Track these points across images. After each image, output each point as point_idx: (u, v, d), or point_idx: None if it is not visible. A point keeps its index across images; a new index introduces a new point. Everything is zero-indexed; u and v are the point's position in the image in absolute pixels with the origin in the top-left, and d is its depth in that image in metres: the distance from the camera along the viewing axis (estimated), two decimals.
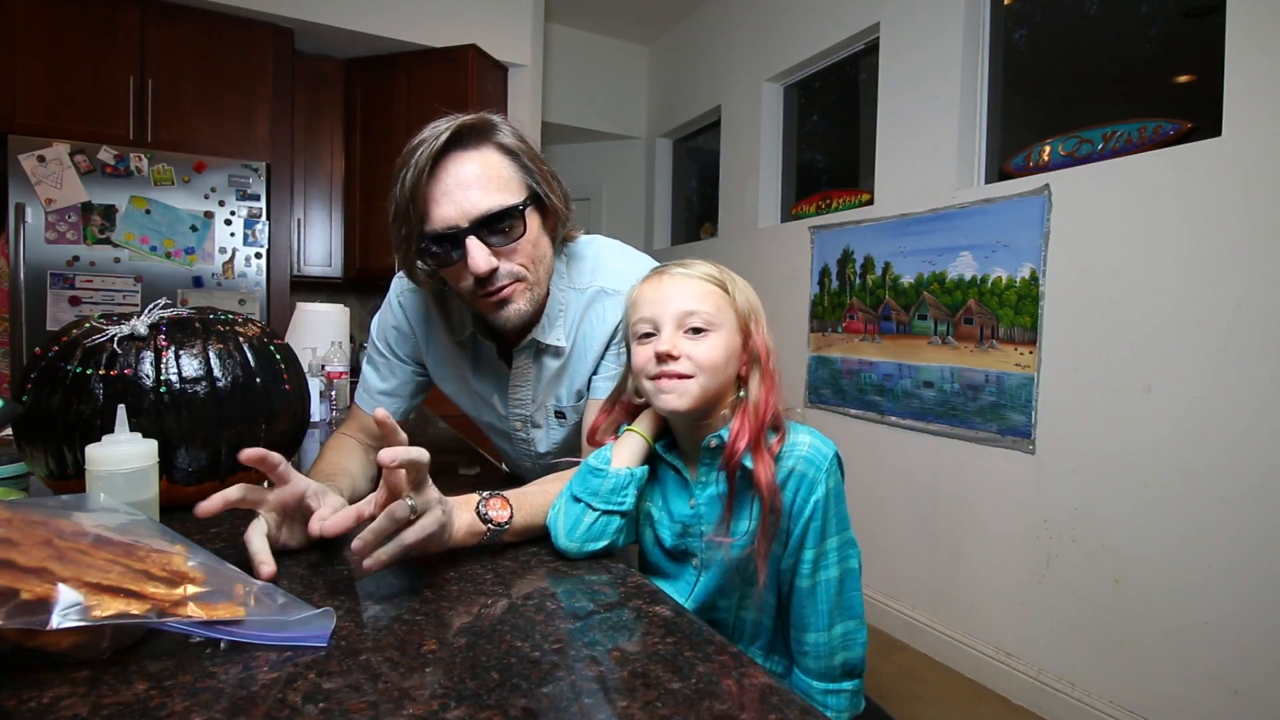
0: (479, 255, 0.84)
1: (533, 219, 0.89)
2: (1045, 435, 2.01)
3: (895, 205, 2.54)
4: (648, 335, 0.83)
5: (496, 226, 0.85)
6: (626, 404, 0.92)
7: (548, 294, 0.97)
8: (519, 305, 0.91)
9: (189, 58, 2.90)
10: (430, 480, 0.70)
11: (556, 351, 0.99)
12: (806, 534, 0.81)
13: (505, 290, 0.89)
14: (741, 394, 0.84)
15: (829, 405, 2.82)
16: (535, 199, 0.90)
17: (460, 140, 0.85)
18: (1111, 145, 1.92)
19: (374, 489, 1.02)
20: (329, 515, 0.70)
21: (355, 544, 0.65)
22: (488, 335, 1.02)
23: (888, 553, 2.54)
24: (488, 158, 0.86)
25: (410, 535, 0.67)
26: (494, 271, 0.86)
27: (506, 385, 1.06)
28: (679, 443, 0.89)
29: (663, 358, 0.80)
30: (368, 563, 0.65)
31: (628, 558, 0.93)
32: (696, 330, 0.80)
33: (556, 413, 1.05)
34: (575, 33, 4.22)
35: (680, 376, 0.80)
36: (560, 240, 0.99)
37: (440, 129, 0.84)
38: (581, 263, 1.01)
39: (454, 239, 0.85)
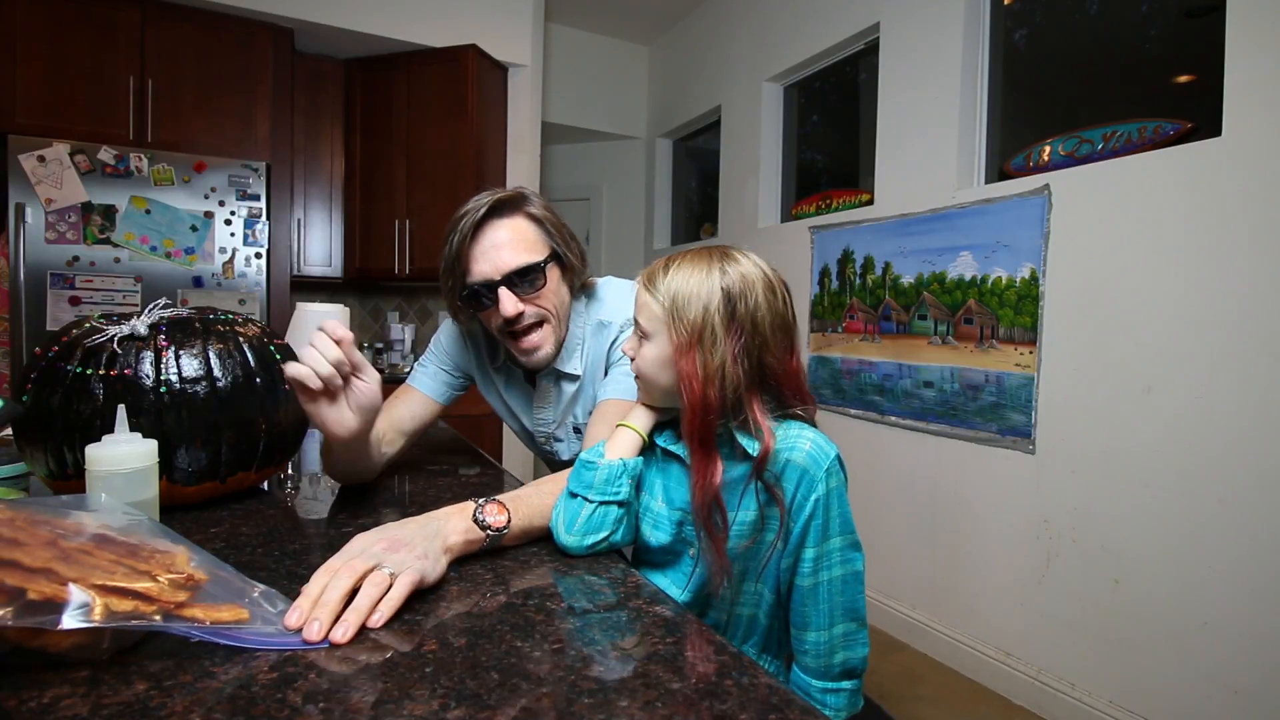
0: (507, 302, 1.05)
1: (553, 273, 1.09)
2: (1045, 435, 2.01)
3: (895, 205, 2.54)
4: None
5: (523, 279, 1.06)
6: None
7: (567, 330, 1.16)
8: (545, 350, 1.11)
9: (189, 58, 2.90)
10: (406, 540, 0.68)
11: (573, 378, 1.18)
12: (807, 532, 0.81)
13: (533, 336, 1.09)
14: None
15: (829, 405, 2.82)
16: (556, 257, 1.10)
17: (497, 210, 1.06)
18: (1111, 145, 1.92)
19: (379, 472, 1.10)
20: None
21: (338, 634, 0.57)
22: (516, 363, 1.21)
23: (888, 553, 2.54)
24: (518, 224, 1.07)
25: (398, 592, 0.63)
26: (521, 314, 1.06)
27: (533, 404, 1.25)
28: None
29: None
30: (374, 620, 0.60)
31: (626, 555, 0.93)
32: (641, 336, 0.87)
33: (575, 429, 1.22)
34: (575, 33, 4.22)
35: (636, 376, 0.89)
36: (580, 287, 1.18)
37: (482, 201, 1.05)
38: (596, 302, 1.20)
39: (489, 288, 1.05)
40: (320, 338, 0.82)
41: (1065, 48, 2.24)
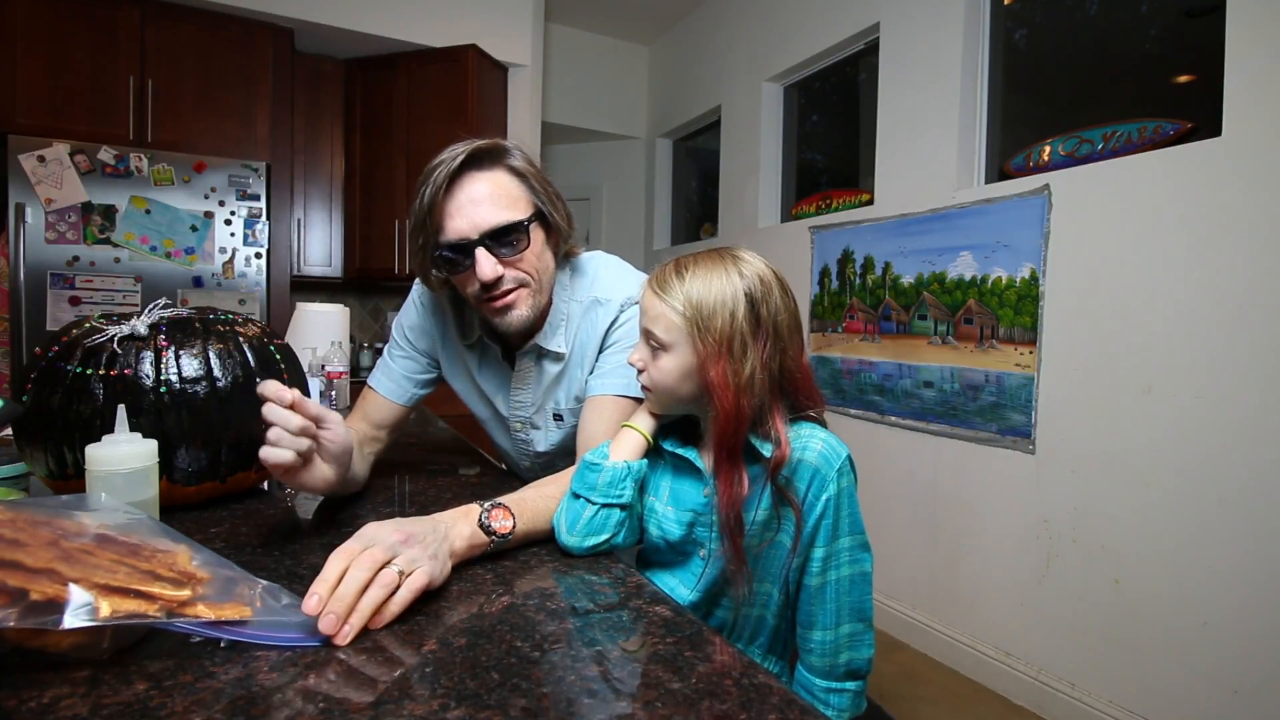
0: (486, 264, 0.93)
1: (537, 233, 0.98)
2: (1045, 435, 2.01)
3: (895, 205, 2.54)
4: None
5: (504, 239, 0.94)
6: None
7: (550, 303, 1.06)
8: (521, 311, 0.99)
9: (189, 58, 2.90)
10: (420, 536, 0.68)
11: (557, 357, 1.08)
12: (817, 531, 0.82)
13: (510, 296, 0.97)
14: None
15: (829, 405, 2.82)
16: (540, 216, 0.99)
17: (474, 162, 0.94)
18: (1111, 145, 1.92)
19: (367, 478, 1.05)
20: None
21: (342, 637, 0.57)
22: (494, 339, 1.11)
23: (888, 553, 2.54)
24: (498, 178, 0.95)
25: (404, 595, 0.62)
26: (499, 278, 0.95)
27: (509, 387, 1.14)
28: (702, 429, 0.89)
29: (636, 367, 0.86)
30: (375, 622, 0.61)
31: (629, 556, 0.93)
32: (655, 347, 0.83)
33: (555, 415, 1.12)
34: (575, 33, 4.23)
35: (645, 387, 0.86)
36: (563, 255, 1.07)
37: (457, 151, 0.93)
38: (583, 276, 1.09)
39: (465, 249, 0.94)
40: (274, 410, 0.75)
41: (1065, 48, 2.24)
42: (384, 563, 0.63)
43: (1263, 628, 1.54)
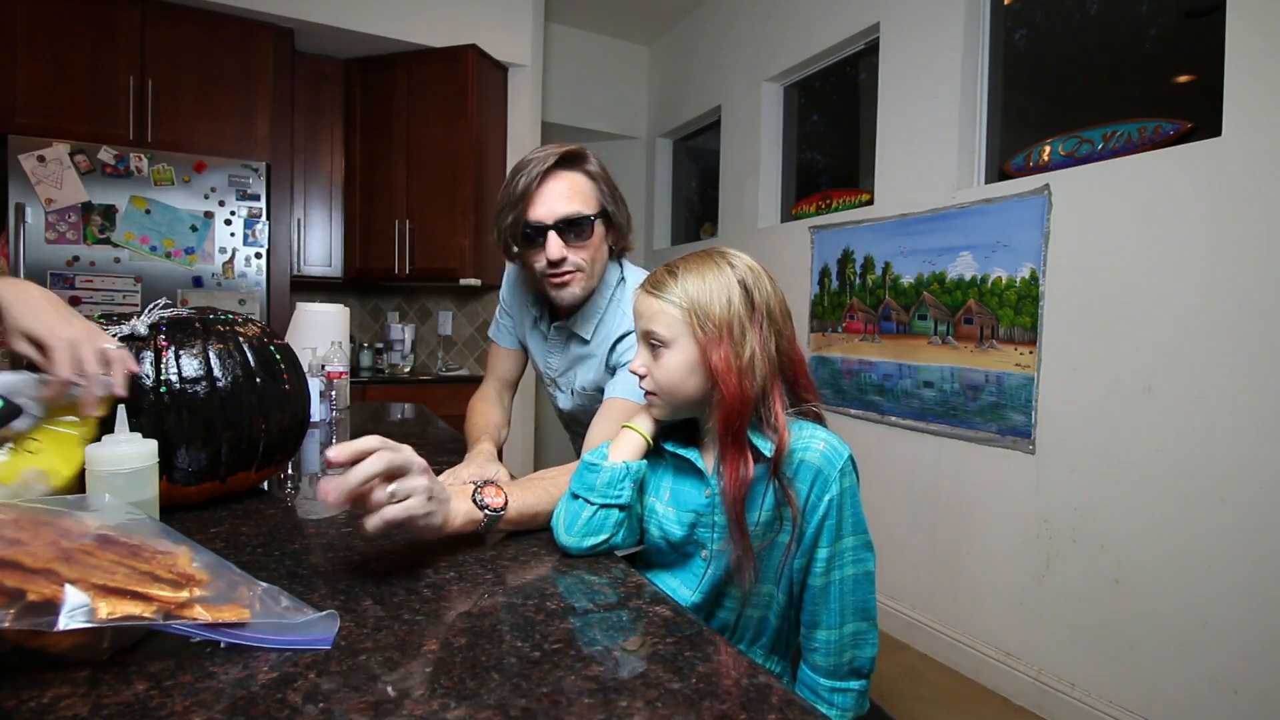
0: (554, 244, 1.12)
1: (599, 228, 1.16)
2: (1045, 435, 2.01)
3: (895, 205, 2.54)
4: None
5: (572, 227, 1.13)
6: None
7: (594, 292, 1.22)
8: (573, 290, 1.17)
9: (189, 58, 2.90)
10: (421, 475, 0.73)
11: (582, 341, 1.25)
12: (821, 532, 0.82)
13: (567, 276, 1.16)
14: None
15: (829, 405, 2.82)
16: (604, 214, 1.17)
17: (563, 162, 1.14)
18: (1111, 145, 1.92)
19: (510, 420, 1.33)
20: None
21: (334, 499, 0.67)
22: (543, 310, 1.33)
23: (888, 553, 2.54)
24: (576, 178, 1.15)
25: (392, 512, 0.69)
26: (564, 259, 1.14)
27: (545, 348, 1.36)
28: (702, 431, 0.90)
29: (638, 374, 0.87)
30: (371, 524, 0.69)
31: (628, 557, 0.93)
32: (656, 346, 0.84)
33: (574, 390, 1.32)
34: (575, 33, 4.23)
35: (649, 393, 0.86)
36: (620, 251, 1.25)
37: (550, 152, 1.13)
38: (623, 284, 1.24)
39: (540, 230, 1.13)
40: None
41: (1065, 48, 2.24)
42: (399, 466, 0.70)
43: (1263, 628, 1.54)
